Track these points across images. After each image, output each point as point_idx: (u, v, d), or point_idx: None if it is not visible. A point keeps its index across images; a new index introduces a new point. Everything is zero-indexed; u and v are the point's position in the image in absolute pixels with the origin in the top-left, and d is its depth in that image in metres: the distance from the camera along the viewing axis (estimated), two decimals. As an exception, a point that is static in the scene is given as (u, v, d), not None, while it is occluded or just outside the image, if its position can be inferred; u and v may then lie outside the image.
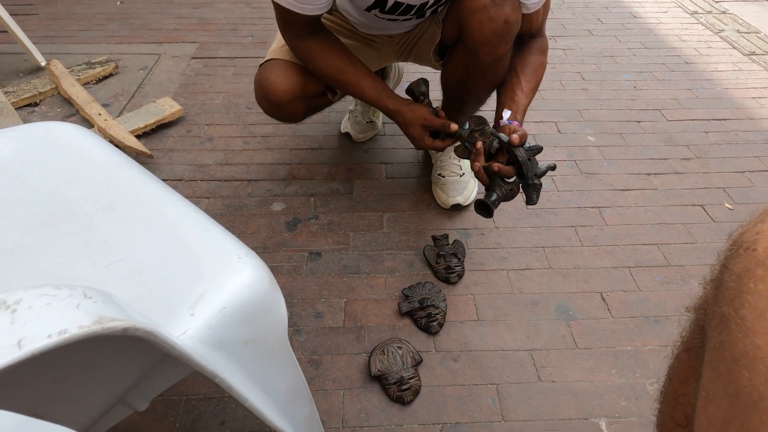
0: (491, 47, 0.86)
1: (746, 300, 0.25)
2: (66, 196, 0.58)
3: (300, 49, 0.93)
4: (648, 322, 0.92)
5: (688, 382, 0.38)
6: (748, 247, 0.27)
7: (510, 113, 0.89)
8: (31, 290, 0.23)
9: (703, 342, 0.32)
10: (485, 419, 0.77)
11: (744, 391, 0.23)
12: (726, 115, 1.48)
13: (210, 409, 0.78)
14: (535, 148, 0.84)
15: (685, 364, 0.38)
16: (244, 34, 1.86)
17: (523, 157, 0.82)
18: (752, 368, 0.23)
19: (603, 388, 0.82)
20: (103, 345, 0.31)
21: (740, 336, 0.25)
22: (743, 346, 0.24)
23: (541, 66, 0.97)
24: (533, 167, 0.83)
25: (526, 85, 0.93)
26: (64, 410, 0.32)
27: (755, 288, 0.25)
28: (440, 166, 1.17)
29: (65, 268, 0.51)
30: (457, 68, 0.97)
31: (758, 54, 1.81)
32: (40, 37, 1.78)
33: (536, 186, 0.83)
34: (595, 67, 1.71)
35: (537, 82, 0.96)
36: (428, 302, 0.91)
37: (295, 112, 1.02)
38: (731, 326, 0.26)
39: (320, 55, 0.92)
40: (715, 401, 0.26)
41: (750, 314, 0.25)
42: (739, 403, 0.24)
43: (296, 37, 0.91)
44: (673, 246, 1.07)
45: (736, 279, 0.27)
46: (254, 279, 0.47)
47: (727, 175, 1.27)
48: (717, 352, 0.27)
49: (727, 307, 0.27)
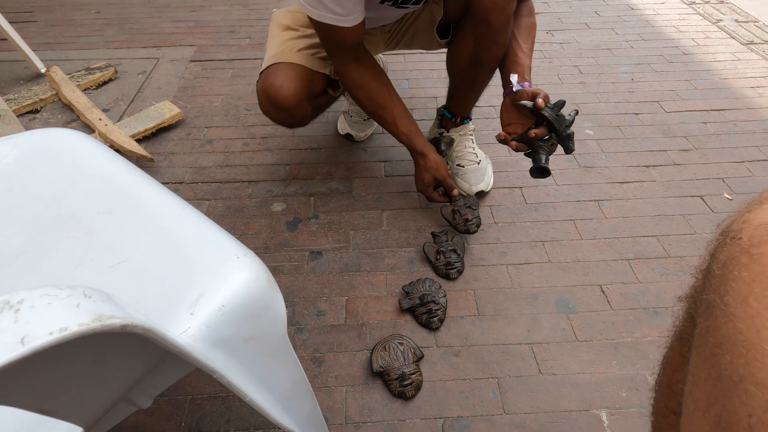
0: (500, 9, 0.88)
1: (730, 287, 0.26)
2: (68, 201, 0.59)
3: (342, 75, 0.98)
4: (648, 314, 0.92)
5: (680, 369, 0.39)
6: (734, 236, 0.28)
7: (517, 76, 0.93)
8: (34, 290, 0.24)
9: (693, 330, 0.32)
10: (487, 413, 0.78)
11: (725, 374, 0.24)
12: (724, 105, 1.48)
13: (215, 408, 0.79)
14: (559, 103, 0.89)
15: (678, 352, 0.39)
16: (241, 36, 1.87)
17: (552, 115, 0.88)
18: (733, 351, 0.24)
19: (603, 379, 0.82)
20: (105, 343, 0.32)
21: (724, 321, 0.25)
22: (726, 330, 0.25)
23: (533, 26, 1.00)
24: (562, 121, 0.89)
25: (525, 46, 0.96)
26: (69, 407, 0.33)
27: (739, 275, 0.26)
28: (458, 157, 1.19)
29: (68, 272, 0.52)
30: (466, 42, 0.98)
31: (757, 43, 1.80)
32: (40, 44, 1.79)
33: (570, 136, 0.90)
34: (593, 61, 1.71)
35: (533, 42, 0.99)
36: (428, 298, 0.91)
37: (304, 114, 1.04)
38: (716, 312, 0.26)
39: (361, 83, 0.97)
40: (700, 385, 0.27)
41: (733, 300, 0.25)
42: (721, 386, 0.24)
43: (341, 64, 0.96)
44: (672, 237, 1.07)
45: (721, 267, 0.28)
46: (252, 278, 0.48)
47: (726, 165, 1.27)
48: (703, 338, 0.28)
49: (713, 294, 0.27)
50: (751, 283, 0.25)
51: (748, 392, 0.22)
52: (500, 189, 1.20)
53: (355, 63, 0.96)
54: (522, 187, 1.21)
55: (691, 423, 0.26)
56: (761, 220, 0.27)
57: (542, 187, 1.20)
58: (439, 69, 1.64)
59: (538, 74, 1.62)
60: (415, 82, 1.60)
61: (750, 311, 0.24)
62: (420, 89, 1.57)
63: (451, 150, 1.20)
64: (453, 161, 1.20)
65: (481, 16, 0.90)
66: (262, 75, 1.01)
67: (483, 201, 1.17)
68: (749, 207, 0.29)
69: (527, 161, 1.28)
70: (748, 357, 0.23)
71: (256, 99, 1.04)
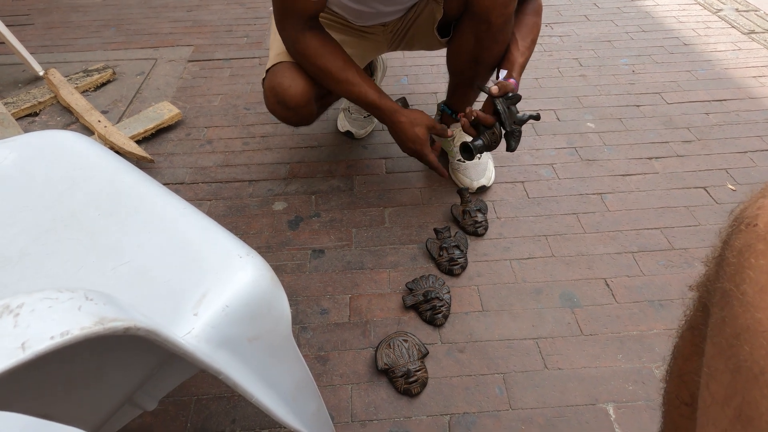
0: (502, 8, 0.88)
1: (747, 275, 0.25)
2: (68, 203, 0.59)
3: (300, 43, 0.91)
4: (653, 307, 0.92)
5: (692, 360, 0.38)
6: (749, 222, 0.27)
7: (506, 72, 0.94)
8: (34, 294, 0.23)
9: (705, 320, 0.32)
10: (493, 408, 0.78)
11: (745, 365, 0.23)
12: (726, 95, 1.47)
13: (220, 408, 0.79)
14: (513, 98, 0.90)
15: (689, 342, 0.38)
16: (239, 35, 1.86)
17: (503, 107, 0.89)
18: (753, 342, 0.23)
19: (609, 373, 0.82)
20: (109, 345, 0.31)
21: (741, 311, 0.25)
22: (744, 320, 0.24)
23: (536, 26, 0.99)
24: (512, 115, 0.89)
25: (521, 44, 0.95)
26: (73, 411, 0.33)
27: (756, 263, 0.25)
28: (458, 152, 1.18)
29: (71, 274, 0.52)
30: (466, 41, 0.97)
31: (758, 32, 1.79)
32: (37, 47, 1.79)
33: (514, 132, 0.91)
34: (593, 53, 1.69)
35: (532, 41, 0.98)
36: (432, 295, 0.91)
37: (311, 113, 1.02)
38: (732, 302, 0.26)
39: (321, 50, 0.91)
40: (717, 377, 0.26)
41: (751, 289, 0.25)
42: (740, 378, 0.24)
43: (296, 31, 0.90)
44: (676, 229, 1.07)
45: (737, 255, 0.27)
46: (256, 277, 0.47)
47: (729, 155, 1.26)
48: (719, 328, 0.27)
49: (729, 282, 0.27)
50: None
51: None
52: (502, 184, 1.19)
53: (311, 32, 0.91)
54: (524, 181, 1.20)
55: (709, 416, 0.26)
56: None
57: (544, 181, 1.20)
58: (438, 64, 1.63)
59: (537, 68, 1.61)
60: (414, 78, 1.59)
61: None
62: (420, 85, 1.56)
63: (450, 143, 1.20)
64: (454, 156, 1.19)
65: (482, 15, 0.89)
66: (269, 73, 1.00)
67: (485, 196, 1.16)
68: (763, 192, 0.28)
69: (528, 155, 1.28)
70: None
71: (255, 98, 1.04)
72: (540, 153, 1.28)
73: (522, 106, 1.45)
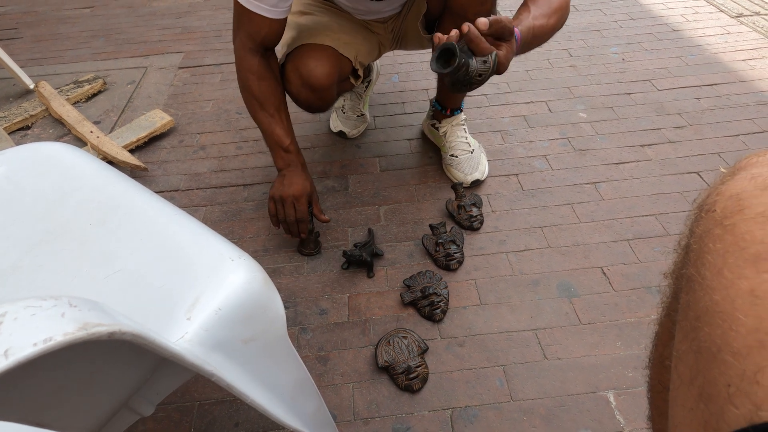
0: (478, 5, 0.86)
1: (706, 259, 0.26)
2: (59, 213, 0.59)
3: (246, 61, 0.91)
4: (650, 293, 0.92)
5: (670, 345, 0.39)
6: (708, 209, 0.28)
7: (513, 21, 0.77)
8: (17, 302, 0.23)
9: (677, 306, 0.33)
10: (494, 401, 0.78)
11: (704, 346, 0.24)
12: (717, 79, 1.47)
13: (223, 413, 0.79)
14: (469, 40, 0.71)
15: (666, 328, 0.39)
16: (228, 39, 1.86)
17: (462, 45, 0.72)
18: (711, 323, 0.24)
19: (609, 361, 0.82)
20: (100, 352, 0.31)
21: (702, 294, 0.26)
22: (704, 303, 0.25)
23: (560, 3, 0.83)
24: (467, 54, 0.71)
25: (534, 10, 0.81)
26: (67, 417, 0.33)
27: (713, 247, 0.26)
28: (451, 147, 1.18)
29: (64, 284, 0.52)
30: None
31: (746, 15, 1.79)
32: (27, 60, 1.79)
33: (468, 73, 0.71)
34: (582, 43, 1.70)
35: (549, 11, 0.82)
36: (430, 290, 0.91)
37: (331, 97, 1.03)
38: (695, 286, 0.27)
39: (262, 79, 0.92)
40: (683, 359, 0.27)
41: (709, 273, 0.26)
42: (702, 358, 0.24)
43: (244, 50, 0.90)
44: (670, 215, 1.07)
45: (698, 241, 0.28)
46: (248, 279, 0.48)
47: (722, 139, 1.26)
48: (684, 313, 0.28)
49: (692, 268, 0.28)
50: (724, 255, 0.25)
51: (726, 362, 0.22)
52: (496, 177, 1.19)
53: (261, 57, 0.91)
54: (518, 174, 1.20)
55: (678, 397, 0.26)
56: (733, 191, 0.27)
57: (538, 173, 1.20)
58: (428, 61, 1.63)
59: (527, 60, 1.61)
60: (405, 76, 1.59)
61: (725, 282, 0.24)
62: (410, 82, 1.56)
63: (442, 140, 1.20)
64: (447, 152, 1.19)
65: (459, 11, 0.89)
66: (290, 57, 0.98)
67: (479, 190, 1.16)
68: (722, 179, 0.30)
69: (522, 148, 1.28)
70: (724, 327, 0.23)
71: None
72: (533, 145, 1.28)
73: (513, 98, 1.46)
